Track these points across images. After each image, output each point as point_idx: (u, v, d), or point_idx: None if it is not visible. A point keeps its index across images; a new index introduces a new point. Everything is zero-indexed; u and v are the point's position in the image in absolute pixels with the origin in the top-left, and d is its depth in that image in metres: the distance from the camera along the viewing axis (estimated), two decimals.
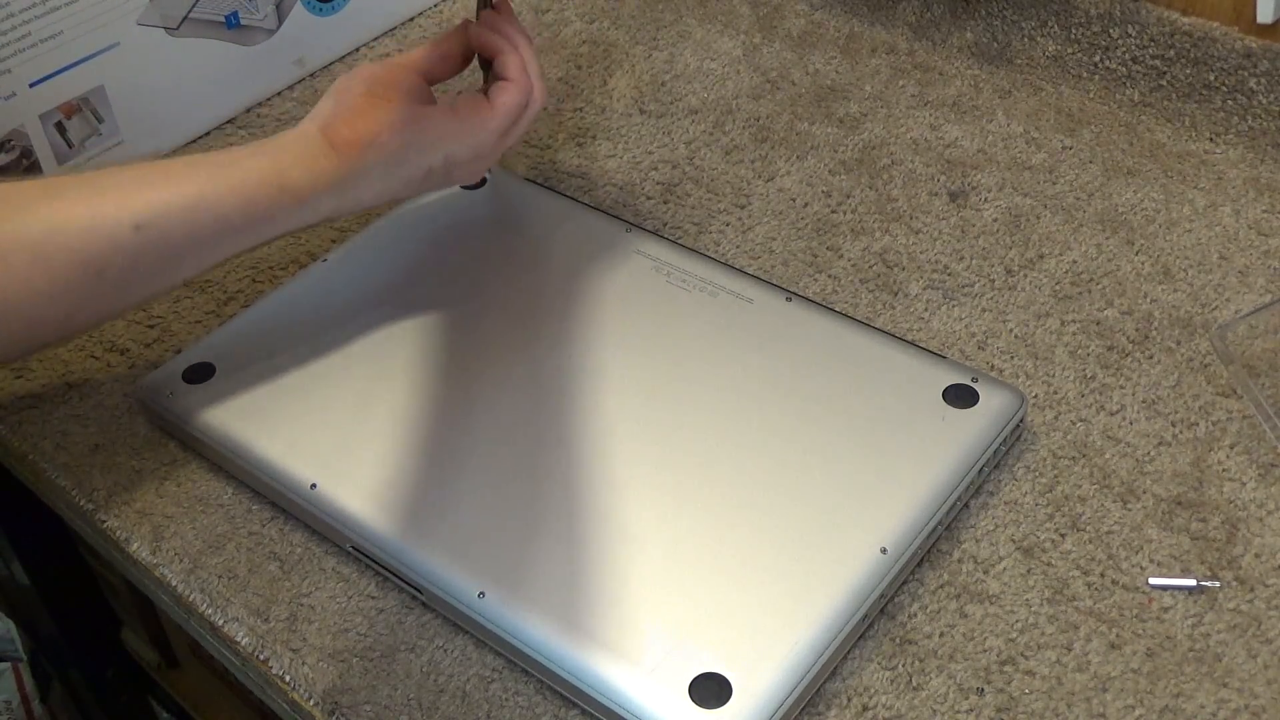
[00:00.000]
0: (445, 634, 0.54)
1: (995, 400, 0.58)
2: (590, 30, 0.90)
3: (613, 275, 0.66)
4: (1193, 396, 0.61)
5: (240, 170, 0.56)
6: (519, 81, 0.62)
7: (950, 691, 0.51)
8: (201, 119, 0.82)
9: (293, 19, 0.83)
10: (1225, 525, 0.56)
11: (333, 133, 0.57)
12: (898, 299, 0.68)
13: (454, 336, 0.63)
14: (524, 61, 0.63)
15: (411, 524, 0.55)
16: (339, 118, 0.58)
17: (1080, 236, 0.71)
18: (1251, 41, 0.74)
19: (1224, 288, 0.67)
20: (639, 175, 0.77)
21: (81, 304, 0.54)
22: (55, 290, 0.53)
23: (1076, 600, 0.53)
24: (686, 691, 0.48)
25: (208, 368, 0.62)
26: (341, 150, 0.57)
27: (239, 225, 0.56)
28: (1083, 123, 0.78)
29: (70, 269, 0.52)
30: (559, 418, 0.59)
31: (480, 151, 0.62)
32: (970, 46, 0.84)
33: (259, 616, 0.55)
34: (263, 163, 0.56)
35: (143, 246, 0.53)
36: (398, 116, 0.58)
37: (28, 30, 0.69)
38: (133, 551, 0.58)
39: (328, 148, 0.57)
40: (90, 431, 0.64)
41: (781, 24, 0.89)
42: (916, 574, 0.55)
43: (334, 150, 0.57)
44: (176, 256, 0.55)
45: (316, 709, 0.52)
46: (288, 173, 0.56)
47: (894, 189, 0.75)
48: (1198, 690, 0.50)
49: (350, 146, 0.57)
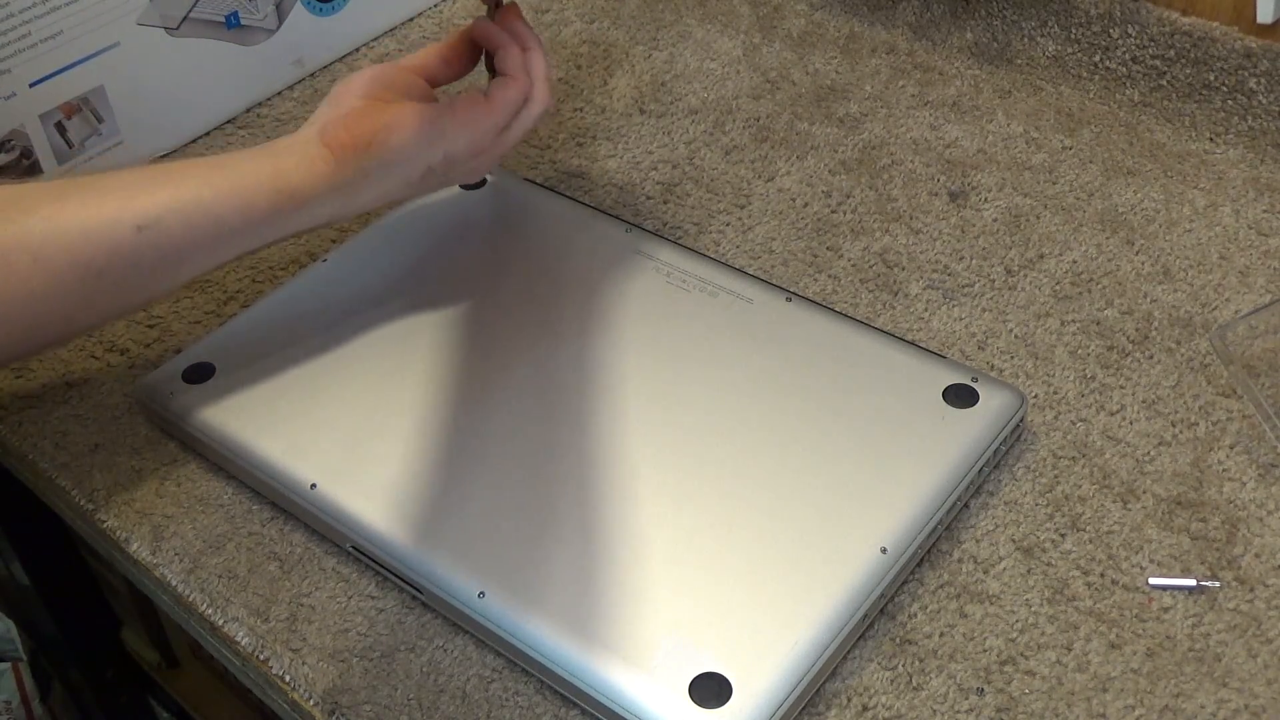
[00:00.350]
0: (445, 634, 0.54)
1: (995, 400, 0.58)
2: (590, 30, 0.90)
3: (613, 275, 0.66)
4: (1193, 396, 0.61)
5: (240, 173, 0.56)
6: (517, 78, 0.62)
7: (950, 691, 0.51)
8: (201, 119, 0.82)
9: (293, 19, 0.83)
10: (1225, 525, 0.56)
11: (329, 137, 0.57)
12: (898, 299, 0.68)
13: (454, 336, 0.63)
14: (525, 59, 0.63)
15: (411, 524, 0.55)
16: (336, 122, 0.58)
17: (1080, 236, 0.71)
18: (1251, 41, 0.74)
19: (1224, 288, 0.67)
20: (639, 175, 0.77)
21: (82, 306, 0.54)
22: (56, 292, 0.53)
23: (1076, 600, 0.53)
24: (686, 691, 0.48)
25: (208, 368, 0.62)
26: (338, 154, 0.57)
27: (238, 228, 0.56)
28: (1083, 123, 0.78)
29: (71, 271, 0.53)
30: (559, 418, 0.59)
31: (479, 148, 0.62)
32: (970, 46, 0.84)
33: (259, 616, 0.55)
34: (263, 166, 0.56)
35: (143, 248, 0.54)
36: (394, 118, 0.58)
37: (28, 30, 0.69)
38: (133, 551, 0.58)
39: (325, 152, 0.57)
40: (90, 431, 0.64)
41: (781, 24, 0.89)
42: (916, 574, 0.55)
43: (331, 154, 0.57)
44: (176, 259, 0.55)
45: (316, 709, 0.52)
46: (287, 176, 0.56)
47: (894, 189, 0.75)
48: (1198, 690, 0.50)
49: (346, 150, 0.57)
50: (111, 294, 0.55)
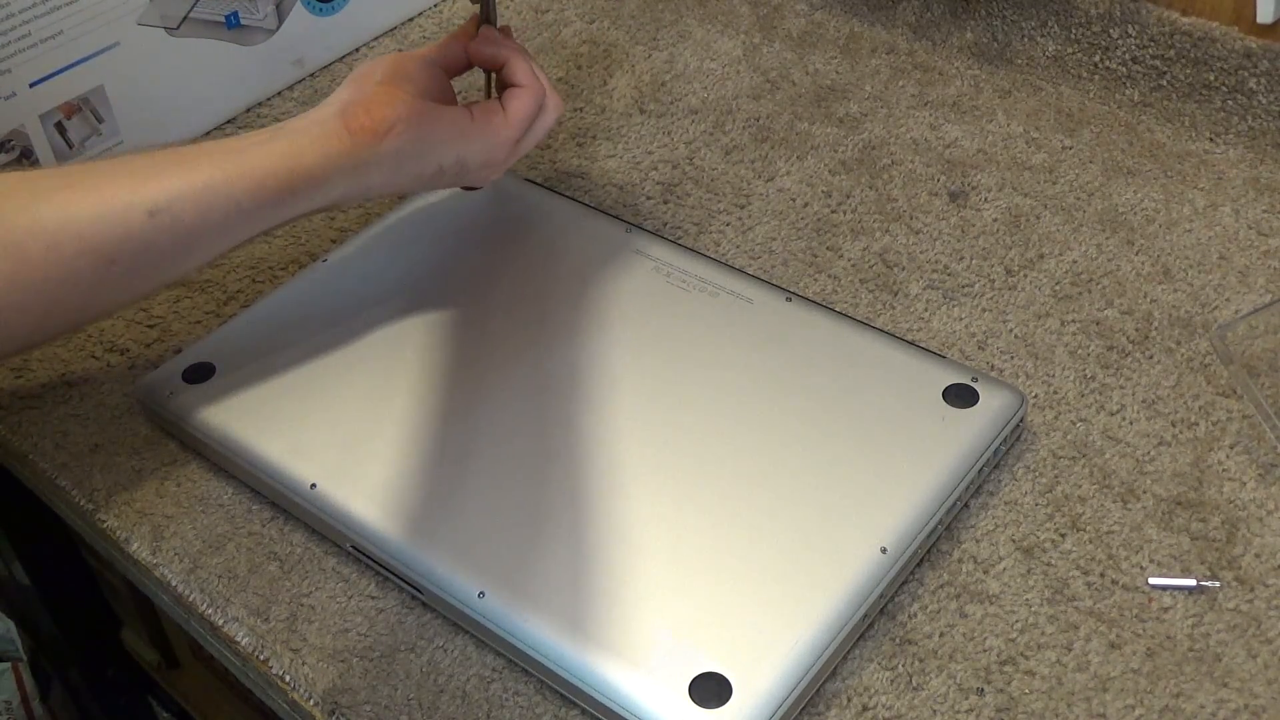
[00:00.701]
0: (445, 634, 0.54)
1: (995, 400, 0.58)
2: (590, 30, 0.90)
3: (613, 275, 0.66)
4: (1193, 396, 0.61)
5: (252, 154, 0.56)
6: (531, 86, 0.62)
7: (950, 691, 0.51)
8: (201, 119, 0.82)
9: (292, 19, 0.83)
10: (1225, 525, 0.56)
11: (350, 118, 0.57)
12: (898, 299, 0.68)
13: (454, 336, 0.63)
14: (533, 68, 0.63)
15: (412, 524, 0.55)
16: (357, 103, 0.58)
17: (1080, 236, 0.71)
18: (1251, 41, 0.74)
19: (1224, 288, 0.67)
20: (639, 175, 0.77)
21: (95, 292, 0.54)
22: (69, 279, 0.53)
23: (1076, 600, 0.53)
24: (686, 691, 0.48)
25: (208, 368, 0.63)
26: (357, 136, 0.57)
27: (250, 209, 0.56)
28: (1083, 123, 0.78)
29: (84, 257, 0.53)
30: (559, 418, 0.59)
31: (493, 159, 0.62)
32: (970, 46, 0.84)
33: (259, 616, 0.55)
34: (278, 146, 0.56)
35: (156, 233, 0.54)
36: (415, 110, 0.58)
37: (28, 30, 0.69)
38: (133, 551, 0.58)
39: (344, 132, 0.57)
40: (90, 431, 0.64)
41: (781, 24, 0.89)
42: (916, 574, 0.55)
43: (349, 135, 0.57)
44: (189, 242, 0.55)
45: (316, 709, 0.52)
46: (301, 155, 0.56)
47: (894, 189, 0.75)
48: (1198, 690, 0.50)
49: (365, 133, 0.57)
50: (124, 279, 0.55)
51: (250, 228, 0.57)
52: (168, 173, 0.54)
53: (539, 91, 0.63)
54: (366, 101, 0.58)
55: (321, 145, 0.57)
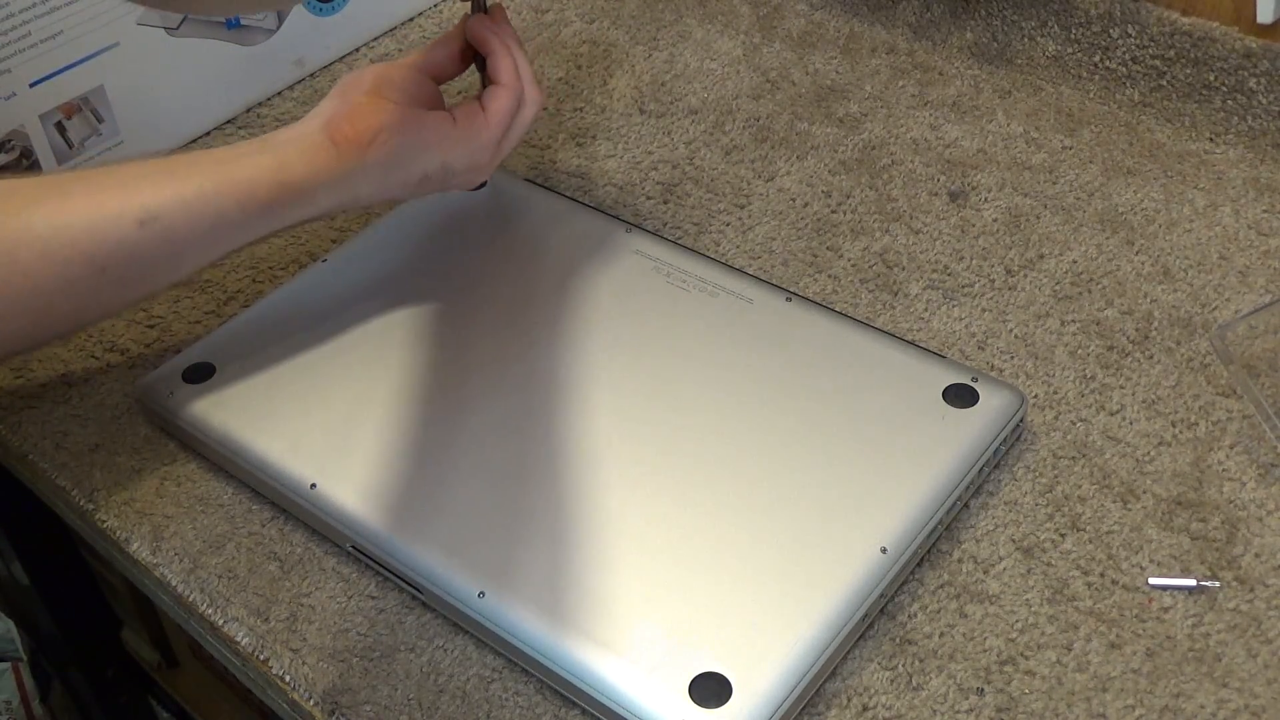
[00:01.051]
0: (445, 634, 0.54)
1: (995, 400, 0.58)
2: (590, 30, 0.90)
3: (612, 275, 0.66)
4: (1193, 396, 0.61)
5: (241, 166, 0.56)
6: (510, 85, 0.62)
7: (950, 691, 0.51)
8: (201, 119, 0.82)
9: (292, 19, 0.83)
10: (1225, 525, 0.56)
11: (335, 129, 0.58)
12: (898, 299, 0.68)
13: (454, 337, 0.63)
14: (515, 64, 0.63)
15: (411, 524, 0.55)
16: (342, 115, 0.58)
17: (1080, 236, 0.71)
18: (1251, 41, 0.74)
19: (1224, 288, 0.67)
20: (639, 175, 0.77)
21: (87, 299, 0.55)
22: (61, 286, 0.53)
23: (1076, 600, 0.53)
24: (686, 691, 0.48)
25: (208, 368, 0.63)
26: (342, 147, 0.57)
27: (239, 220, 0.56)
28: (1083, 123, 0.78)
29: (76, 265, 0.53)
30: (559, 418, 0.59)
31: (477, 162, 0.62)
32: (970, 46, 0.84)
33: (259, 616, 0.55)
34: (265, 159, 0.57)
35: (146, 242, 0.54)
36: (399, 119, 0.58)
37: (28, 30, 0.69)
38: (133, 551, 0.58)
39: (329, 144, 0.57)
40: (90, 431, 0.64)
41: (781, 24, 0.89)
42: (916, 574, 0.55)
43: (335, 146, 0.57)
44: (179, 252, 0.56)
45: (316, 709, 0.52)
46: (289, 168, 0.57)
47: (894, 189, 0.75)
48: (1198, 690, 0.50)
49: (351, 144, 0.57)
50: (115, 287, 0.55)
51: (240, 238, 0.57)
52: (158, 182, 0.55)
53: (517, 88, 0.63)
54: (350, 113, 0.58)
55: (308, 158, 0.57)
